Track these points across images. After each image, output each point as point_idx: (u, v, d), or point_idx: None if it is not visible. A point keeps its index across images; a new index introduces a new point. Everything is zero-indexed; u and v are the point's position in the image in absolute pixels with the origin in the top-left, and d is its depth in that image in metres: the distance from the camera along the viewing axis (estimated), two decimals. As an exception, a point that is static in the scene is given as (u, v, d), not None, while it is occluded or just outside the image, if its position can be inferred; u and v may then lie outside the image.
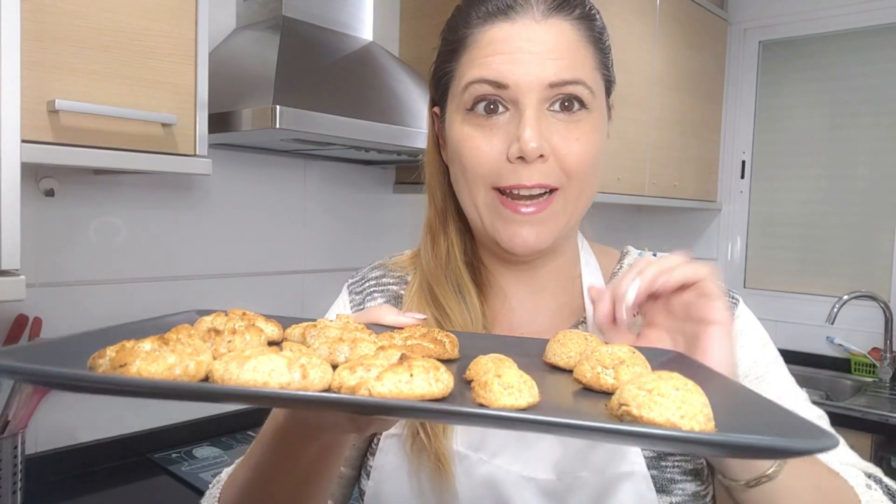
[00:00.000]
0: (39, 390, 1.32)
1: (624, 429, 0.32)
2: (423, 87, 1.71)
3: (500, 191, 0.66)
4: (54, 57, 1.04)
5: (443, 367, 0.37)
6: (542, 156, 0.64)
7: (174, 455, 1.57)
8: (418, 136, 1.53)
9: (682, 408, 0.33)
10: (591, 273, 0.75)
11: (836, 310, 2.48)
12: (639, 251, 0.80)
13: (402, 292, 0.78)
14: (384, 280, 0.81)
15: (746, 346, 0.72)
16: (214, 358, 0.39)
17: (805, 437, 0.32)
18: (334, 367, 0.40)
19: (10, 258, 0.87)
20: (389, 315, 0.58)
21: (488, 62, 0.65)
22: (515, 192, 0.65)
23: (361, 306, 0.80)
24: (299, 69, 1.45)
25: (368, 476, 0.72)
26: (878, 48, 2.72)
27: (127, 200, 1.53)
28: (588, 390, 0.44)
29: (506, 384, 0.36)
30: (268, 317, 0.54)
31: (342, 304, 0.82)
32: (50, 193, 1.38)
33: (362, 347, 0.43)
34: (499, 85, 0.64)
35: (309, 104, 1.34)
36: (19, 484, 1.29)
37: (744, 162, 3.03)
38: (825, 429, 0.34)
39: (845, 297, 2.49)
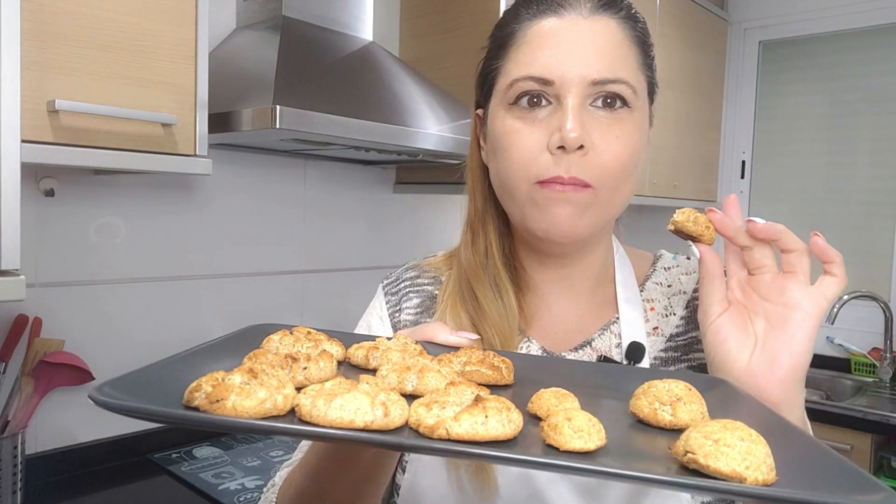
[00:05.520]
0: (39, 390, 1.32)
1: (697, 483, 0.35)
2: (423, 87, 1.71)
3: (540, 185, 0.65)
4: (54, 57, 1.04)
5: (513, 407, 0.40)
6: (581, 147, 0.63)
7: (174, 455, 1.57)
8: (418, 136, 1.53)
9: (747, 459, 0.36)
10: (624, 275, 0.75)
11: (836, 310, 2.48)
12: (673, 255, 0.79)
13: (437, 292, 0.79)
14: (419, 280, 0.82)
15: None
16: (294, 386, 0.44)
17: (864, 493, 0.34)
18: (402, 394, 0.45)
19: (10, 258, 0.87)
20: (442, 334, 0.60)
21: (535, 58, 0.65)
22: (551, 186, 0.65)
23: (397, 307, 0.81)
24: (299, 69, 1.45)
25: (404, 470, 0.71)
26: (878, 48, 2.72)
27: (127, 200, 1.53)
28: (643, 424, 0.47)
29: (576, 427, 0.38)
30: (329, 335, 0.57)
31: (378, 305, 0.83)
32: (50, 193, 1.38)
33: (429, 378, 0.47)
34: (544, 81, 0.64)
35: (309, 104, 1.34)
36: (19, 484, 1.29)
37: (744, 162, 3.03)
38: (880, 482, 0.36)
39: (845, 298, 2.49)
